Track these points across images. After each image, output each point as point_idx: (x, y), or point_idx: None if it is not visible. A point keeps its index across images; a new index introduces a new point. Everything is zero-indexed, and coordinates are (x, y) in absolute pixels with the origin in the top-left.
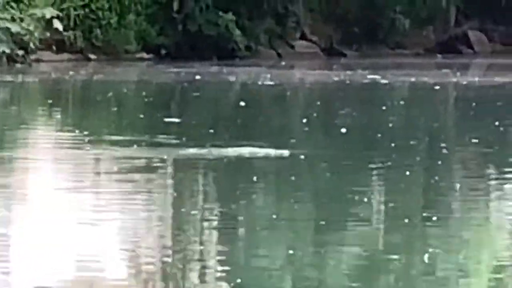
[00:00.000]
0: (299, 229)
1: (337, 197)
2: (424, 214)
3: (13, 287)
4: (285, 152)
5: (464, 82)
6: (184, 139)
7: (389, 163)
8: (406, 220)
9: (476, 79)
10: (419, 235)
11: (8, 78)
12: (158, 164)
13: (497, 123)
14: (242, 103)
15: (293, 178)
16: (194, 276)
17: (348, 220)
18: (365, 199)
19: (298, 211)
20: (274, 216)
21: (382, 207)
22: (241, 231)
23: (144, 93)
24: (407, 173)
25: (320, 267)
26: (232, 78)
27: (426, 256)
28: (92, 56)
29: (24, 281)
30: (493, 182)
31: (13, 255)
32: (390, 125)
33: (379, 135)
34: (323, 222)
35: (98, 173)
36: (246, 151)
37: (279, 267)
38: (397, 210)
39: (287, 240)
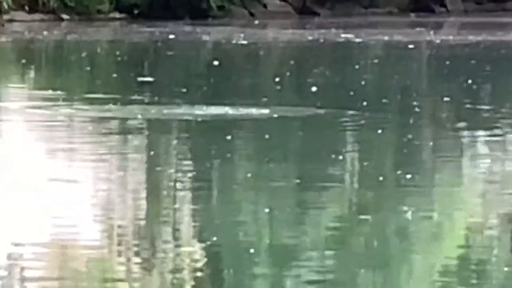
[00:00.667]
0: (275, 189)
1: (310, 157)
2: (398, 173)
3: None
4: (254, 111)
5: (438, 41)
6: (157, 98)
7: (361, 122)
8: (380, 179)
9: (450, 37)
10: (393, 194)
11: None
12: (132, 124)
13: (470, 81)
14: (216, 62)
15: (265, 137)
16: (168, 236)
17: (322, 179)
18: (338, 158)
19: (273, 170)
20: (249, 175)
21: (355, 166)
22: (217, 191)
23: (117, 53)
24: (379, 131)
25: (295, 225)
26: (206, 38)
27: (399, 216)
28: (65, 16)
29: None
30: (464, 140)
31: None
32: (363, 83)
33: (352, 93)
34: (298, 181)
35: (71, 134)
36: (218, 110)
37: (254, 224)
38: (370, 169)
39: (263, 199)
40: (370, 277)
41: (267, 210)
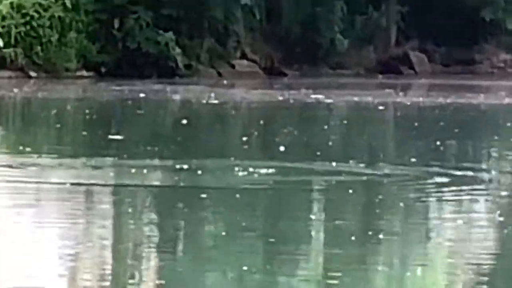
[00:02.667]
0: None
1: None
2: (369, 233)
3: None
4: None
5: (408, 103)
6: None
7: (325, 183)
8: (353, 238)
9: (420, 99)
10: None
11: None
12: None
13: (438, 142)
14: (186, 121)
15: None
16: None
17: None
18: (307, 217)
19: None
20: (222, 231)
21: (323, 227)
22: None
23: (88, 111)
24: (349, 190)
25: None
26: (176, 97)
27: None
28: (33, 74)
29: None
30: (430, 199)
31: None
32: (330, 143)
33: (318, 153)
34: (272, 240)
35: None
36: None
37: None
38: (339, 229)
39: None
40: None
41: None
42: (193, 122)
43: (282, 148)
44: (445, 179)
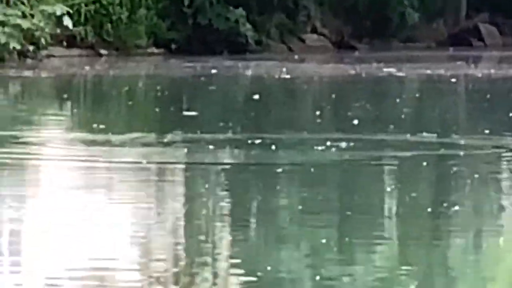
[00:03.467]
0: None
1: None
2: (444, 205)
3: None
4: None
5: (479, 75)
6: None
7: (400, 155)
8: (428, 210)
9: (491, 71)
10: (430, 227)
11: (25, 73)
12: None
13: (511, 114)
14: (259, 96)
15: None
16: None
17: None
18: (382, 192)
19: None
20: (299, 206)
21: (399, 200)
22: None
23: (162, 87)
24: (424, 163)
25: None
26: (248, 72)
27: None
28: (103, 51)
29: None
30: (506, 170)
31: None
32: (403, 116)
33: (392, 126)
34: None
35: (110, 174)
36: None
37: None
38: (416, 201)
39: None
40: None
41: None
42: (266, 97)
43: (355, 122)
44: None
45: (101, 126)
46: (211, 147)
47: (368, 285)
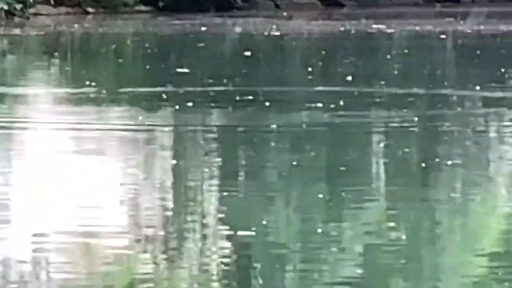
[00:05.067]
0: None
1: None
2: (436, 160)
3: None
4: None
5: (469, 31)
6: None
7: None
8: (423, 165)
9: (481, 27)
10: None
11: (13, 31)
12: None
13: (502, 70)
14: (250, 53)
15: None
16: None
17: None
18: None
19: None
20: (293, 162)
21: (392, 156)
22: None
23: (151, 45)
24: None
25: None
26: (237, 29)
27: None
28: (90, 9)
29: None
30: (496, 125)
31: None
32: (396, 72)
33: (383, 82)
34: (343, 168)
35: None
36: None
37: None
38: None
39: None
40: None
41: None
42: (257, 54)
43: (349, 78)
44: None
45: (92, 83)
46: (203, 103)
47: (357, 240)
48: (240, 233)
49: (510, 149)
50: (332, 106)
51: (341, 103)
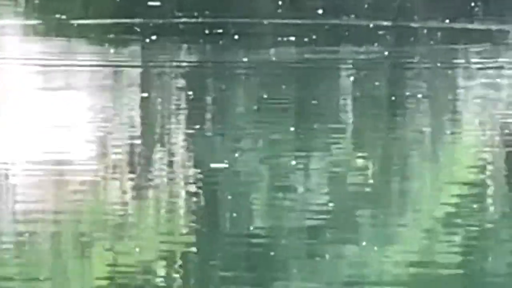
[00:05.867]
0: None
1: None
2: (393, 99)
3: None
4: None
5: None
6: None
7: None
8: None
9: None
10: None
11: None
12: None
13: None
14: None
15: None
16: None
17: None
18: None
19: None
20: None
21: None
22: None
23: None
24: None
25: None
26: None
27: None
28: None
29: None
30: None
31: None
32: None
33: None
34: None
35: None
36: None
37: None
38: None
39: None
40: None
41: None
42: None
43: (320, 11)
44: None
45: (61, 15)
46: (172, 38)
47: (326, 169)
48: (212, 165)
49: (475, 83)
50: (302, 40)
51: (313, 37)
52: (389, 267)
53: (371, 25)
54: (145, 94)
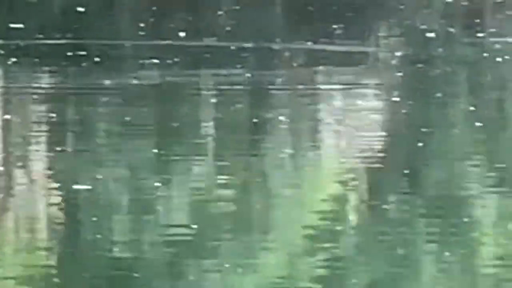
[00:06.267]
0: None
1: None
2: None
3: None
4: None
5: None
6: None
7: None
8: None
9: None
10: None
11: None
12: None
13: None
14: (82, 9)
15: None
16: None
17: None
18: None
19: None
20: None
21: None
22: None
23: None
24: None
25: None
26: None
27: None
28: None
29: None
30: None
31: None
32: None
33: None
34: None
35: None
36: None
37: None
38: None
39: None
40: None
41: None
42: (91, 9)
43: (182, 34)
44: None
45: None
46: (33, 59)
47: (187, 192)
48: (74, 187)
49: (336, 105)
50: (165, 62)
51: (175, 59)
52: None
53: (232, 48)
54: (8, 116)
